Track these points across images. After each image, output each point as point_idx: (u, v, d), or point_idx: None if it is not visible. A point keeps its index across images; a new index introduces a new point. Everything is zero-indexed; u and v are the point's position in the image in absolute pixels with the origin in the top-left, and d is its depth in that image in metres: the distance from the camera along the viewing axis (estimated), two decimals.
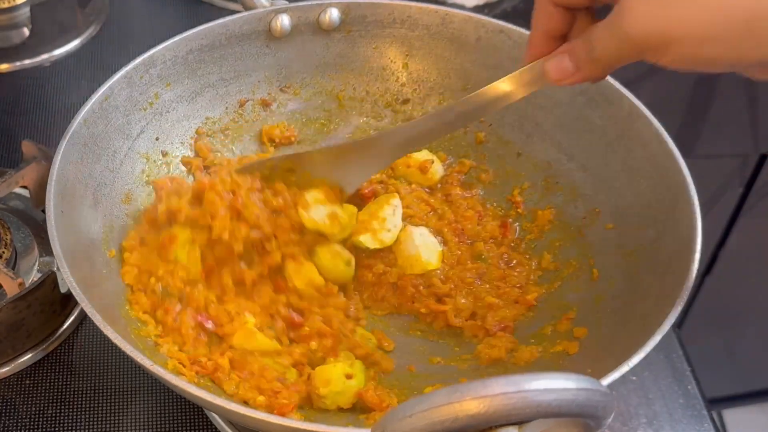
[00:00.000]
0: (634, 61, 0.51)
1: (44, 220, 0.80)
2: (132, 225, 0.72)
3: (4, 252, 0.75)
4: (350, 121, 0.84)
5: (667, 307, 0.59)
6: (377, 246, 0.72)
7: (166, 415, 0.70)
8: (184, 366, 0.63)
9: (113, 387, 0.72)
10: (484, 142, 0.82)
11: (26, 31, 1.03)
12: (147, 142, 0.76)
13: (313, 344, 0.67)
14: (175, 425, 0.69)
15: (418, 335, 0.71)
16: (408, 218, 0.76)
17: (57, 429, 0.69)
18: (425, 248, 0.73)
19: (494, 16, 0.81)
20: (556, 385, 0.35)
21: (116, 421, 0.70)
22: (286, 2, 0.81)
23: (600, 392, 0.37)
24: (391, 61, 0.84)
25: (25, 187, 0.76)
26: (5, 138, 0.93)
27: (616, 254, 0.70)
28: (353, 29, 0.82)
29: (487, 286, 0.73)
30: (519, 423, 0.39)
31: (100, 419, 0.70)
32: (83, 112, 0.69)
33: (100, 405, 0.71)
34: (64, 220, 0.64)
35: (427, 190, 0.80)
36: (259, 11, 0.79)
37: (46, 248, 0.79)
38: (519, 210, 0.79)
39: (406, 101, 0.84)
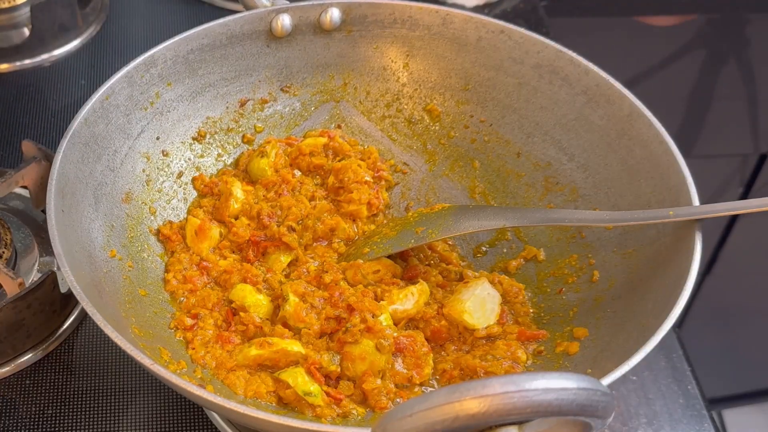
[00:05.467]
0: None
1: (44, 220, 0.80)
2: (130, 225, 0.72)
3: (4, 252, 0.75)
4: (351, 121, 0.85)
5: (667, 307, 0.59)
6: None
7: (166, 415, 0.70)
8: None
9: (113, 387, 0.72)
10: (485, 141, 0.82)
11: (26, 31, 1.03)
12: (148, 141, 0.76)
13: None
14: (175, 425, 0.69)
15: None
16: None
17: (57, 429, 0.69)
18: (476, 306, 0.69)
19: (494, 16, 0.81)
20: (556, 385, 0.36)
21: (116, 421, 0.70)
22: (287, 2, 0.81)
23: (600, 392, 0.37)
24: (392, 61, 0.84)
25: (25, 187, 0.76)
26: (5, 138, 0.93)
27: (616, 254, 0.70)
28: (354, 29, 0.83)
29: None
30: (519, 422, 0.39)
31: (100, 419, 0.70)
32: (84, 112, 0.69)
33: (100, 405, 0.71)
34: (64, 219, 0.64)
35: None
36: (259, 11, 0.79)
37: (46, 248, 0.79)
38: None
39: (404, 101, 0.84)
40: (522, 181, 0.80)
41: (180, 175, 0.78)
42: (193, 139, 0.80)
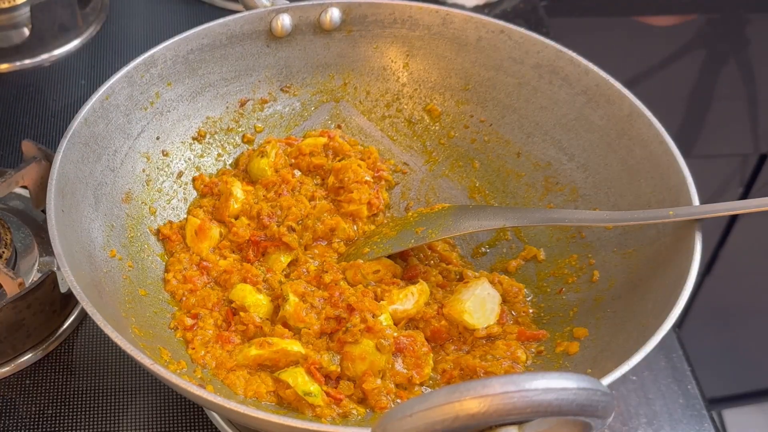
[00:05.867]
0: None
1: (44, 220, 0.80)
2: (130, 225, 0.72)
3: (4, 252, 0.75)
4: (351, 121, 0.85)
5: (667, 307, 0.59)
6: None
7: (166, 415, 0.70)
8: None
9: (113, 387, 0.72)
10: (485, 141, 0.82)
11: (26, 31, 1.03)
12: (148, 141, 0.76)
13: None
14: (175, 425, 0.69)
15: None
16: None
17: (57, 429, 0.69)
18: (476, 306, 0.69)
19: (494, 16, 0.81)
20: (556, 385, 0.36)
21: (116, 421, 0.70)
22: (287, 2, 0.81)
23: (600, 392, 0.37)
24: (392, 61, 0.84)
25: (25, 187, 0.76)
26: (5, 138, 0.93)
27: (616, 254, 0.70)
28: (354, 29, 0.83)
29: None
30: (519, 422, 0.39)
31: (100, 419, 0.70)
32: (84, 111, 0.69)
33: (100, 405, 0.71)
34: (64, 219, 0.64)
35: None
36: (259, 11, 0.79)
37: (46, 248, 0.79)
38: None
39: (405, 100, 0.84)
40: (522, 181, 0.80)
41: (180, 175, 0.78)
42: (193, 139, 0.80)
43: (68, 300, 0.75)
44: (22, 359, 0.73)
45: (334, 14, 0.81)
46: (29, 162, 0.74)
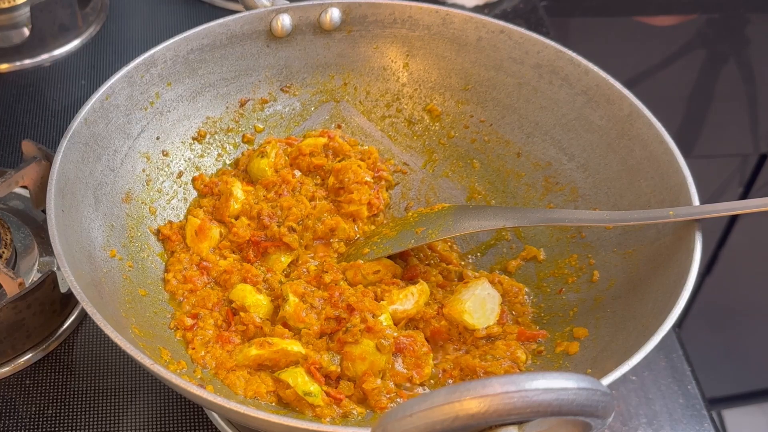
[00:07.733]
0: None
1: (44, 220, 0.80)
2: (130, 225, 0.72)
3: (4, 252, 0.75)
4: (351, 121, 0.85)
5: (667, 307, 0.59)
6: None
7: (166, 415, 0.70)
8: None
9: (113, 387, 0.72)
10: (485, 141, 0.82)
11: (26, 31, 1.03)
12: (148, 141, 0.76)
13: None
14: (175, 425, 0.70)
15: None
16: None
17: (57, 429, 0.69)
18: (476, 306, 0.69)
19: (494, 16, 0.81)
20: (556, 385, 0.35)
21: (116, 421, 0.70)
22: (287, 2, 0.81)
23: (600, 392, 0.37)
24: (392, 61, 0.84)
25: (25, 187, 0.76)
26: (5, 138, 0.93)
27: (616, 254, 0.70)
28: (354, 29, 0.83)
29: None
30: (519, 422, 0.39)
31: (100, 419, 0.70)
32: (84, 111, 0.70)
33: (100, 405, 0.71)
34: (64, 219, 0.64)
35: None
36: (260, 11, 0.79)
37: (46, 248, 0.79)
38: None
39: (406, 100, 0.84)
40: (522, 181, 0.80)
41: (180, 175, 0.78)
42: (193, 139, 0.80)
43: (68, 300, 0.75)
44: (22, 359, 0.73)
45: (334, 14, 0.81)
46: (29, 162, 0.74)
